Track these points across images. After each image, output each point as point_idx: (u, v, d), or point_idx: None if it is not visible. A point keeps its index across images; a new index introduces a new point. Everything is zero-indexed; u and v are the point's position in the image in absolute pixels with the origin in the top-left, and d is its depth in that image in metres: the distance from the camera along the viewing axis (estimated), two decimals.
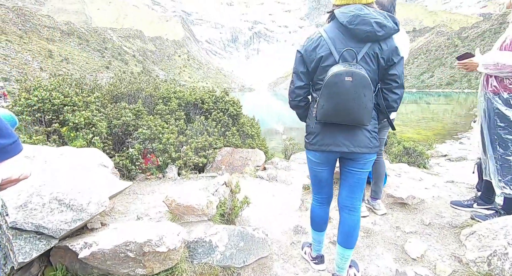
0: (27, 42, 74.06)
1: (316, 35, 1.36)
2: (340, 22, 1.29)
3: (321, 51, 1.31)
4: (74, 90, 3.59)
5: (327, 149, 1.39)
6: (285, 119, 39.04)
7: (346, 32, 1.30)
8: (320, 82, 1.35)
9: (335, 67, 1.24)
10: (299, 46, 1.42)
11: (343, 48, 1.29)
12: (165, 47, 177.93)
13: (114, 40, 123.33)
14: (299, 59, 1.39)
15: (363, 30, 1.24)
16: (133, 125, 4.04)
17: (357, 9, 1.26)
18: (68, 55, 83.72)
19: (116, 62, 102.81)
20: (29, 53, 69.21)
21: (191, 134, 4.70)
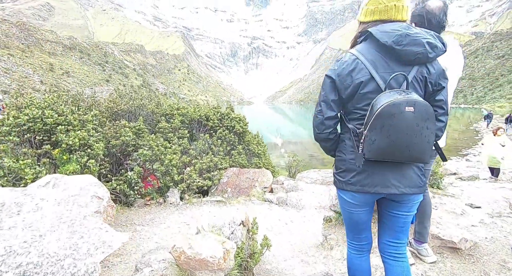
0: (29, 56, 74.85)
1: (350, 57, 1.17)
2: (381, 43, 1.11)
3: (360, 76, 1.13)
4: (70, 108, 3.28)
5: (372, 190, 1.17)
6: (284, 132, 38.92)
7: (389, 54, 1.13)
8: (358, 112, 1.17)
9: (387, 95, 1.06)
10: (327, 69, 1.23)
11: (387, 72, 1.12)
12: (165, 61, 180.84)
13: (115, 54, 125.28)
14: (329, 86, 1.20)
15: (413, 52, 1.08)
16: (133, 145, 3.71)
17: (403, 28, 1.10)
18: (69, 69, 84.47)
19: (116, 75, 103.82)
20: (30, 67, 69.72)
21: (195, 154, 4.37)
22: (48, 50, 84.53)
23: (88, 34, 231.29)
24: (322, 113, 1.23)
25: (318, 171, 8.32)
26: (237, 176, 4.81)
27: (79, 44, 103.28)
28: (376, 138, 1.05)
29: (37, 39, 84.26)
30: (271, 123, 60.09)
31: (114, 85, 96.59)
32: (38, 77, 68.95)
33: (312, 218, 3.99)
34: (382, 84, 1.11)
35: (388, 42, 1.09)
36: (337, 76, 1.17)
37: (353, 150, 1.18)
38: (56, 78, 75.09)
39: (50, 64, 78.18)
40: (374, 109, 1.06)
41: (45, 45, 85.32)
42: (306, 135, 37.31)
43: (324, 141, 1.29)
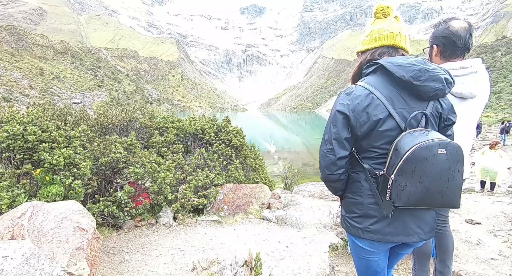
0: (18, 60, 73.47)
1: (363, 91, 1.07)
2: (397, 77, 1.03)
3: (377, 112, 1.03)
4: (55, 123, 3.03)
5: (394, 239, 1.07)
6: (277, 139, 38.89)
7: (405, 89, 1.06)
8: (375, 150, 1.06)
9: (412, 136, 0.97)
10: (338, 104, 1.11)
11: (405, 108, 1.05)
12: (159, 67, 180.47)
13: (108, 59, 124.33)
14: (342, 122, 1.08)
15: (432, 88, 1.03)
16: (124, 162, 3.47)
17: (420, 62, 1.04)
18: (60, 74, 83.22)
19: (109, 81, 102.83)
20: (20, 71, 68.35)
21: (190, 170, 4.15)
22: (38, 54, 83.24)
23: (81, 39, 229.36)
24: (334, 152, 1.10)
25: (315, 184, 8.19)
26: (234, 193, 4.59)
27: (71, 49, 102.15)
28: (407, 183, 0.96)
29: (28, 43, 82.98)
30: (265, 130, 60.11)
31: (106, 90, 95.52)
32: (28, 82, 67.60)
33: (314, 239, 3.79)
34: (401, 122, 1.03)
35: (406, 77, 1.02)
36: (351, 112, 1.06)
37: (371, 193, 1.07)
38: (46, 83, 73.78)
39: (40, 69, 76.88)
40: (401, 152, 0.96)
41: (35, 49, 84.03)
42: (299, 142, 37.39)
43: (335, 182, 1.17)
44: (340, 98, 1.11)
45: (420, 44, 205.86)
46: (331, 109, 1.13)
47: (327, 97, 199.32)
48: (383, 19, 1.16)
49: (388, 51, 1.14)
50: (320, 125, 71.86)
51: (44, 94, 68.94)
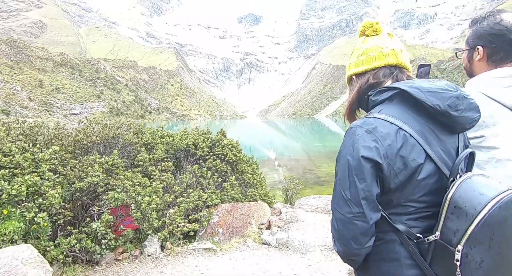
0: (18, 73, 73.83)
1: (390, 127, 0.81)
2: (429, 106, 0.80)
3: (415, 155, 0.79)
4: (21, 145, 2.65)
5: None
6: (277, 146, 38.48)
7: (437, 121, 0.84)
8: (412, 205, 0.81)
9: (473, 186, 0.73)
10: (354, 147, 0.81)
11: (440, 146, 0.83)
12: (158, 76, 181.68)
13: (107, 70, 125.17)
14: (371, 174, 0.79)
15: (470, 119, 0.83)
16: (104, 185, 3.07)
17: (452, 87, 0.84)
18: (59, 85, 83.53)
19: (108, 91, 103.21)
20: (19, 83, 68.58)
21: (181, 191, 3.74)
22: (38, 66, 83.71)
23: (81, 50, 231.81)
24: (366, 217, 0.79)
25: (317, 197, 7.73)
26: (230, 213, 4.17)
27: (70, 60, 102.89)
28: (484, 257, 0.70)
29: (27, 56, 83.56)
30: (264, 136, 59.80)
31: (105, 101, 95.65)
32: (27, 94, 67.66)
33: (320, 267, 3.35)
34: (441, 165, 0.80)
35: (442, 107, 0.80)
36: (383, 159, 0.78)
37: (414, 262, 0.80)
38: (45, 95, 73.88)
39: (39, 81, 77.12)
40: (469, 211, 0.70)
41: (35, 61, 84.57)
42: (299, 148, 36.99)
43: (361, 256, 0.86)
44: (358, 138, 0.81)
45: (416, 49, 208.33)
46: (342, 153, 0.84)
47: (326, 103, 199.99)
48: (375, 36, 0.99)
49: (391, 72, 0.94)
50: (319, 131, 71.65)
51: (43, 106, 68.94)
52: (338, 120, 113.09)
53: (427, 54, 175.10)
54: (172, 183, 3.75)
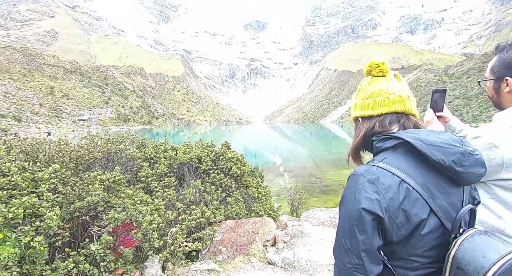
0: (30, 80, 75.85)
1: (393, 179, 0.78)
2: (434, 160, 0.78)
3: (418, 210, 0.76)
4: (21, 164, 2.59)
5: None
6: (282, 151, 38.25)
7: (443, 175, 0.81)
8: (415, 260, 0.78)
9: (477, 244, 0.72)
10: (355, 199, 0.79)
11: (444, 200, 0.79)
12: (165, 82, 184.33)
13: (115, 76, 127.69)
14: (372, 226, 0.76)
15: (476, 174, 0.81)
16: (104, 203, 2.98)
17: (457, 142, 0.81)
18: (69, 92, 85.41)
19: (116, 97, 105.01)
20: (30, 90, 70.37)
21: (183, 207, 3.64)
22: (49, 74, 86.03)
23: (90, 58, 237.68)
24: (366, 270, 0.76)
25: (324, 210, 7.53)
26: (234, 231, 4.03)
27: (80, 67, 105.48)
28: None
29: (39, 64, 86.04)
30: (270, 142, 59.67)
31: (113, 106, 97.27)
32: (38, 100, 69.34)
33: None
34: (445, 220, 0.78)
35: (447, 163, 0.77)
36: (385, 212, 0.76)
37: None
38: (55, 101, 75.57)
39: (50, 88, 79.07)
40: (471, 273, 0.69)
41: (46, 69, 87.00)
42: (305, 154, 36.67)
43: None
44: (360, 187, 0.79)
45: (423, 54, 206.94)
46: (344, 200, 0.82)
47: (331, 109, 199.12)
48: (382, 78, 0.96)
49: (398, 119, 0.92)
50: (324, 136, 71.16)
51: (54, 112, 70.43)
52: (344, 126, 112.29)
53: (434, 59, 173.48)
54: (175, 199, 3.64)
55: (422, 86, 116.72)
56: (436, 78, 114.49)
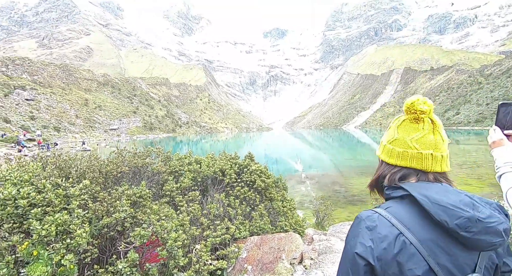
0: (68, 93, 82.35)
1: (390, 231, 0.77)
2: (436, 219, 0.75)
3: (412, 265, 0.73)
4: (55, 181, 2.68)
5: None
6: (304, 157, 37.48)
7: (449, 236, 0.77)
8: None
9: None
10: (353, 245, 0.80)
11: (449, 261, 0.75)
12: (188, 92, 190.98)
13: (142, 87, 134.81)
14: (364, 271, 0.76)
15: (487, 242, 0.75)
16: (131, 219, 3.00)
17: (467, 205, 0.76)
18: (101, 103, 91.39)
19: (143, 107, 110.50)
20: (68, 103, 76.27)
21: (207, 223, 3.57)
22: (84, 87, 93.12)
23: (120, 70, 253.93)
24: None
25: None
26: (259, 247, 3.88)
27: (111, 80, 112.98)
28: None
29: (76, 78, 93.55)
30: (291, 148, 58.94)
31: (140, 116, 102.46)
32: (74, 112, 74.98)
33: None
34: None
35: (450, 224, 0.74)
36: (376, 260, 0.75)
37: None
38: (89, 112, 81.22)
39: (85, 99, 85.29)
40: None
41: (82, 82, 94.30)
42: (327, 161, 35.63)
43: None
44: (359, 231, 0.80)
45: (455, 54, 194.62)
46: (347, 239, 0.83)
47: (355, 113, 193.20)
48: (414, 124, 0.87)
49: (416, 173, 0.86)
50: (348, 142, 68.92)
51: (88, 122, 75.57)
52: (368, 131, 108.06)
53: (468, 59, 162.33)
54: (199, 214, 3.59)
55: (454, 88, 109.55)
56: (471, 79, 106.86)
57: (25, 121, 55.81)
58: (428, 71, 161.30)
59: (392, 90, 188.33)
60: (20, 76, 75.60)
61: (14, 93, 64.02)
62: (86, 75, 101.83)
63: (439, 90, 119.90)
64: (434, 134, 0.85)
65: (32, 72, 79.44)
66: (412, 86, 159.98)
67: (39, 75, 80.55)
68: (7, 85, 65.27)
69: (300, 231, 4.86)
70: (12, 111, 56.85)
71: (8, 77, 70.72)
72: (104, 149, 50.61)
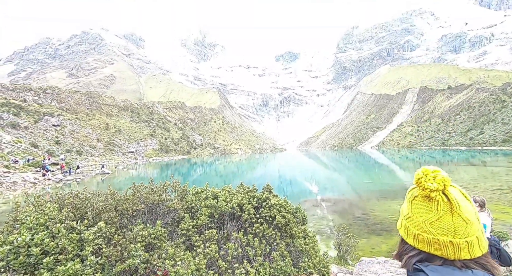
0: (91, 118, 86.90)
1: None
2: None
3: None
4: (70, 224, 2.58)
5: None
6: (319, 179, 36.12)
7: None
8: None
9: None
10: None
11: None
12: (203, 114, 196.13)
13: (160, 111, 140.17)
14: None
15: None
16: (144, 265, 2.81)
17: None
18: (121, 127, 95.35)
19: (159, 130, 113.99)
20: (90, 127, 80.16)
21: (225, 266, 3.30)
22: (106, 112, 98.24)
23: (140, 96, 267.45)
24: None
25: (382, 262, 6.48)
26: None
27: (131, 105, 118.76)
28: None
29: (99, 104, 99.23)
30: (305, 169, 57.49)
31: (157, 139, 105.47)
32: (96, 136, 78.42)
33: None
34: None
35: None
36: None
37: None
38: (110, 136, 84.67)
39: (106, 124, 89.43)
40: None
41: (104, 108, 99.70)
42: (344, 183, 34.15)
43: None
44: None
45: (473, 72, 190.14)
46: None
47: (370, 133, 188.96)
48: (426, 202, 0.76)
49: (433, 258, 0.76)
50: (365, 163, 66.57)
51: (107, 146, 78.43)
52: (386, 152, 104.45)
53: (488, 77, 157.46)
54: (216, 256, 3.34)
55: (475, 107, 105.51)
56: (493, 97, 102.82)
57: (51, 146, 58.74)
58: (446, 90, 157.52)
59: (408, 110, 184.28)
60: (50, 104, 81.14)
61: (43, 120, 68.34)
62: (108, 101, 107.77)
63: (459, 109, 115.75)
64: (452, 215, 0.72)
65: (60, 99, 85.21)
66: (429, 105, 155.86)
67: (66, 102, 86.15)
68: (38, 113, 70.03)
69: (324, 272, 4.43)
70: (40, 137, 60.29)
71: (39, 105, 76.11)
72: (122, 171, 51.75)
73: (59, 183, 35.66)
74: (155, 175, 50.16)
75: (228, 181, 43.73)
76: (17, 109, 65.37)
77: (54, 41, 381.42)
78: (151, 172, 55.87)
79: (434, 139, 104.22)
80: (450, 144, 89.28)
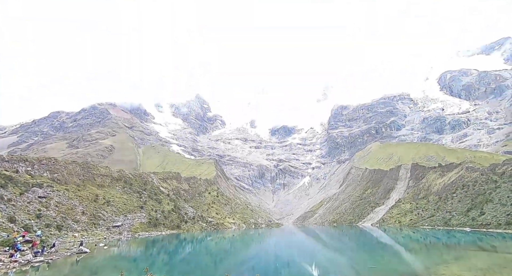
0: (81, 189, 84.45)
1: None
2: None
3: None
4: None
5: None
6: (319, 259, 32.47)
7: None
8: None
9: None
10: None
11: None
12: (197, 185, 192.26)
13: (154, 182, 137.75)
14: None
15: None
16: None
17: None
18: (111, 198, 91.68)
19: (150, 201, 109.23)
20: (78, 199, 76.92)
21: None
22: (98, 182, 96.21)
23: (136, 166, 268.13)
24: None
25: None
26: None
27: (125, 175, 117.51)
28: None
29: (93, 174, 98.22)
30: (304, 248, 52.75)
31: (146, 211, 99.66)
32: (82, 208, 74.24)
33: None
34: None
35: None
36: None
37: None
38: (97, 208, 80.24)
39: (95, 195, 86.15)
40: None
41: (97, 178, 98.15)
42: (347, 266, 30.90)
43: None
44: None
45: (459, 152, 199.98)
46: None
47: (369, 209, 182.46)
48: None
49: None
50: (367, 243, 61.93)
51: (92, 219, 73.37)
52: (388, 230, 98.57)
53: (475, 157, 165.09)
54: None
55: (470, 186, 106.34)
56: (484, 177, 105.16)
57: (30, 220, 54.79)
58: (438, 168, 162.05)
59: (404, 186, 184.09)
60: (42, 174, 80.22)
61: (30, 191, 66.07)
62: (102, 172, 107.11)
63: (454, 187, 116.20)
64: None
65: (54, 170, 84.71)
66: (424, 182, 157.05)
67: (59, 173, 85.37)
68: (26, 184, 68.34)
69: None
70: (22, 210, 56.93)
71: (30, 176, 75.01)
72: (102, 249, 46.74)
73: (27, 265, 31.73)
74: (138, 253, 45.38)
75: (218, 261, 39.32)
76: (5, 180, 64.01)
77: (62, 115, 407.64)
78: (134, 250, 50.78)
79: (435, 218, 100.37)
80: (453, 224, 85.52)
